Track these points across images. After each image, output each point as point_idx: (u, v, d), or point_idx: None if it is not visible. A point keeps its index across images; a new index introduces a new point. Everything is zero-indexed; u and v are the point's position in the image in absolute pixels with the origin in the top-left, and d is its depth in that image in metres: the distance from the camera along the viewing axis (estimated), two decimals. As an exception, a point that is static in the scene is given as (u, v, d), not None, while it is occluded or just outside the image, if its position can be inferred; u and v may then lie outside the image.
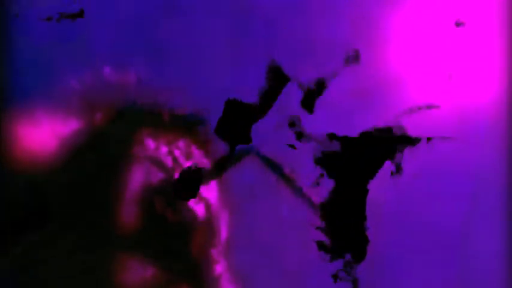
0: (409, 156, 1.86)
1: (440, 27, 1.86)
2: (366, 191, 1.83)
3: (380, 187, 1.85)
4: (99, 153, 1.80)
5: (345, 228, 1.83)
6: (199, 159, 1.83)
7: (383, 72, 1.85)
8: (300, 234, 1.85)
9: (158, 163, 1.81)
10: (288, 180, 1.84)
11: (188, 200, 1.80)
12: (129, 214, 1.79)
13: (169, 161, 1.82)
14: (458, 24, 1.66)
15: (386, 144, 1.82)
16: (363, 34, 1.85)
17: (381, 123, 1.85)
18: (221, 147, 1.84)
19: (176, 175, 1.81)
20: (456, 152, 1.86)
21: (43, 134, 1.79)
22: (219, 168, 1.83)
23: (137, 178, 1.80)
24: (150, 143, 1.81)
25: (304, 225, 1.85)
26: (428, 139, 1.84)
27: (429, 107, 1.85)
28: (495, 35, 1.86)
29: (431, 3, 1.86)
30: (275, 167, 1.83)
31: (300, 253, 1.85)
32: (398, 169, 1.78)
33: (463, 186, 1.86)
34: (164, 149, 1.82)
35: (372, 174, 1.83)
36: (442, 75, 1.86)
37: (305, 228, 1.85)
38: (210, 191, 1.83)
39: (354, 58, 1.77)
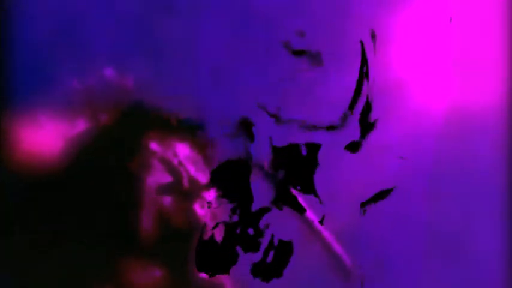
0: (408, 157, 1.86)
1: (440, 27, 1.86)
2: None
3: (381, 189, 1.86)
4: (104, 155, 1.80)
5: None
6: (199, 163, 1.83)
7: (383, 73, 1.85)
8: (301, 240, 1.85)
9: (163, 167, 1.81)
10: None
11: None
12: (137, 216, 1.80)
13: (174, 165, 1.82)
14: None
15: None
16: (363, 35, 1.85)
17: (381, 123, 1.85)
18: (219, 152, 1.84)
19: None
20: (456, 152, 1.87)
21: (44, 135, 1.78)
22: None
23: (142, 181, 1.80)
24: (155, 146, 1.81)
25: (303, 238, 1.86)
26: None
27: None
28: (496, 36, 1.86)
29: (432, 4, 1.86)
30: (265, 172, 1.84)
31: (301, 255, 1.85)
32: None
33: (463, 186, 1.87)
34: (169, 152, 1.82)
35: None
36: (442, 76, 1.87)
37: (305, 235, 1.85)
38: (211, 196, 1.83)
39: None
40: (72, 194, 1.79)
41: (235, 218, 1.82)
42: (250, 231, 1.82)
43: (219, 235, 1.81)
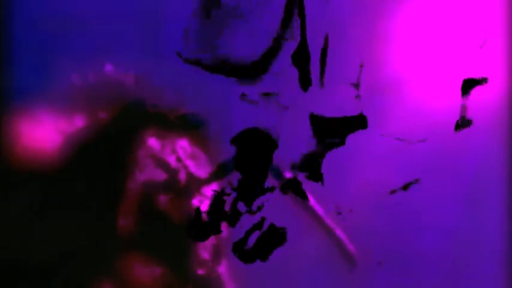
0: (409, 157, 1.86)
1: (440, 27, 1.86)
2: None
3: (381, 188, 1.85)
4: (102, 152, 1.80)
5: None
6: (198, 159, 1.83)
7: (383, 72, 1.86)
8: (299, 236, 1.85)
9: (161, 163, 1.80)
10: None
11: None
12: (131, 213, 1.79)
13: (172, 161, 1.82)
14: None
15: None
16: (363, 34, 1.85)
17: (381, 123, 1.86)
18: (221, 148, 1.84)
19: (182, 179, 1.80)
20: (457, 152, 1.87)
21: (43, 131, 1.78)
22: (221, 171, 1.83)
23: (139, 177, 1.80)
24: (154, 142, 1.81)
25: (304, 226, 1.85)
26: None
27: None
28: (496, 34, 1.86)
29: (432, 3, 1.86)
30: (277, 173, 1.83)
31: (300, 251, 1.85)
32: None
33: (463, 187, 1.87)
34: (168, 148, 1.82)
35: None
36: (441, 75, 1.87)
37: (304, 230, 1.85)
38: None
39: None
40: (70, 190, 1.79)
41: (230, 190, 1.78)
42: (241, 206, 1.79)
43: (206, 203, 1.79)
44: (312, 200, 1.83)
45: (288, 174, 1.82)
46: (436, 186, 1.87)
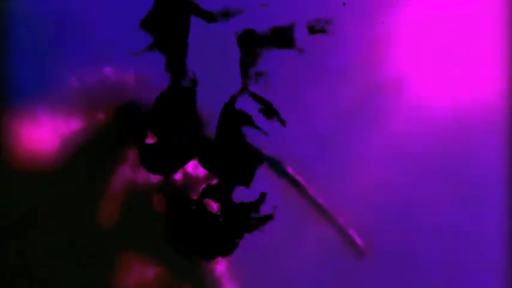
0: (409, 157, 1.86)
1: (441, 25, 1.86)
2: None
3: (381, 188, 1.85)
4: (99, 153, 1.80)
5: None
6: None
7: (383, 71, 1.85)
8: (299, 233, 1.85)
9: None
10: (290, 180, 1.84)
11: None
12: (129, 213, 1.80)
13: None
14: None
15: None
16: (364, 34, 1.85)
17: (380, 121, 1.86)
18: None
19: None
20: (456, 152, 1.87)
21: (43, 133, 1.79)
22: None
23: (137, 177, 1.80)
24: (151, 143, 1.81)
25: (303, 224, 1.85)
26: None
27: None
28: (496, 34, 1.86)
29: (432, 3, 1.86)
30: (278, 167, 1.83)
31: (299, 251, 1.85)
32: None
33: (463, 187, 1.87)
34: None
35: None
36: (441, 74, 1.87)
37: (303, 226, 1.85)
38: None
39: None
40: (69, 189, 1.79)
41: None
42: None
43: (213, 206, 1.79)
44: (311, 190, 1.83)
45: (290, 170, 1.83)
46: (436, 186, 1.86)
